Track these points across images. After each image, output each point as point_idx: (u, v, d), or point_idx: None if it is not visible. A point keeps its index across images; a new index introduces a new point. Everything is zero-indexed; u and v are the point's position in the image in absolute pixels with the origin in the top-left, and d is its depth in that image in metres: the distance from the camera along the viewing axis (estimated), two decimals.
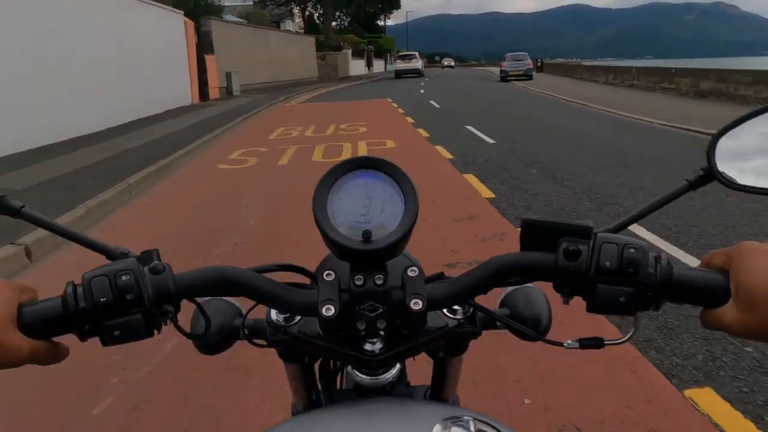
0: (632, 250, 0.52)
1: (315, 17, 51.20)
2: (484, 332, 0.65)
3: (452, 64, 77.40)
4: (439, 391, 0.72)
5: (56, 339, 0.54)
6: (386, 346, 0.57)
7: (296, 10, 50.18)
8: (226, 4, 31.44)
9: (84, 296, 0.51)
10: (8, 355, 0.49)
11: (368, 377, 0.61)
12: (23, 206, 0.57)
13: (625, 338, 0.57)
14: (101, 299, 0.50)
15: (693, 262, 3.54)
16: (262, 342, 0.64)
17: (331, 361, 0.73)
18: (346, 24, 61.75)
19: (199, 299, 0.57)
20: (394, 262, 0.57)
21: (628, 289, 0.52)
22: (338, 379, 0.76)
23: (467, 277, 0.57)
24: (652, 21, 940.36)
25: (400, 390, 0.66)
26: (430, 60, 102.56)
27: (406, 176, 0.58)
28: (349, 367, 0.63)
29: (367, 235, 0.55)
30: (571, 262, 0.52)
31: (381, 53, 61.35)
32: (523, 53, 32.66)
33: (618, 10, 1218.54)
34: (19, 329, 0.50)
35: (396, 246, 0.55)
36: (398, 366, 0.63)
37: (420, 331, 0.58)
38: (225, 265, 0.56)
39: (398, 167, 0.58)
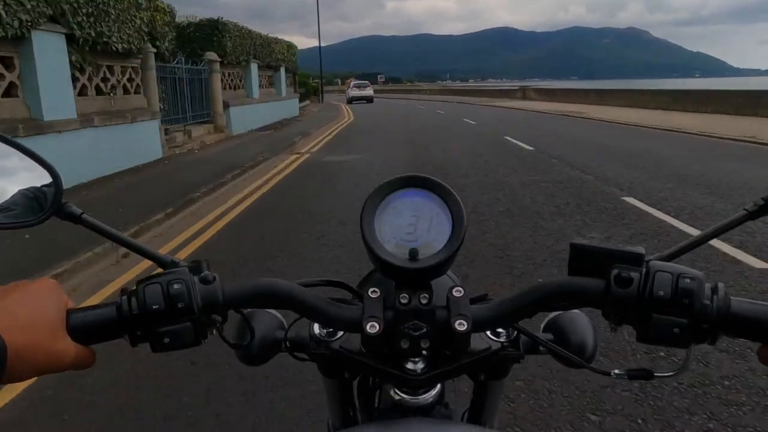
0: (687, 280, 0.50)
1: None
2: (527, 357, 0.65)
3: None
4: (477, 414, 0.72)
5: (102, 344, 0.55)
6: (428, 367, 0.57)
7: None
8: None
9: (137, 303, 0.52)
10: (56, 360, 0.48)
11: (408, 396, 0.62)
12: (83, 213, 0.58)
13: (676, 372, 0.56)
14: (153, 306, 0.51)
15: None
16: (304, 356, 0.65)
17: (370, 379, 0.74)
18: None
19: (244, 310, 0.61)
20: (439, 282, 0.59)
21: (682, 320, 0.50)
22: (376, 397, 0.76)
23: (513, 300, 0.57)
24: (574, 44, 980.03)
25: (438, 411, 0.65)
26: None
27: (454, 196, 0.58)
28: (389, 386, 0.64)
29: (413, 254, 0.55)
30: (623, 289, 0.51)
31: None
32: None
33: (542, 33, 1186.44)
34: (68, 334, 0.50)
35: (442, 265, 0.56)
36: (438, 387, 0.64)
37: (463, 352, 0.58)
38: (272, 278, 0.57)
39: (447, 186, 0.59)
